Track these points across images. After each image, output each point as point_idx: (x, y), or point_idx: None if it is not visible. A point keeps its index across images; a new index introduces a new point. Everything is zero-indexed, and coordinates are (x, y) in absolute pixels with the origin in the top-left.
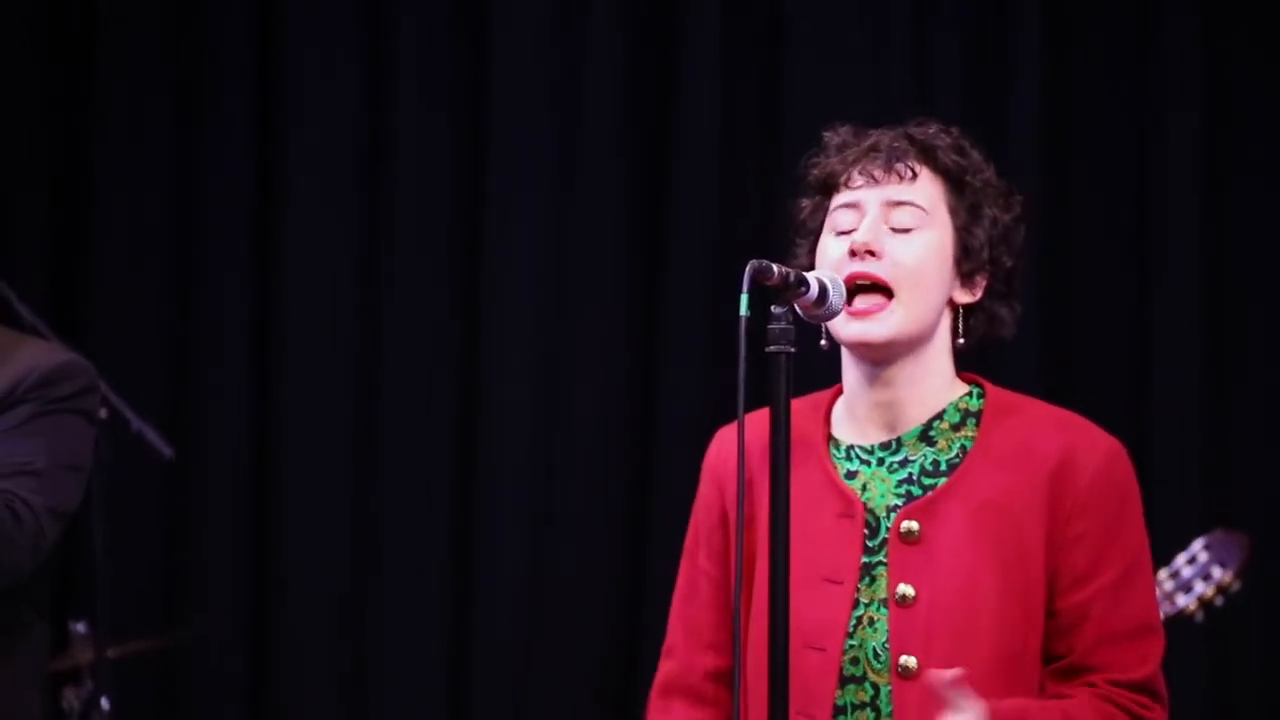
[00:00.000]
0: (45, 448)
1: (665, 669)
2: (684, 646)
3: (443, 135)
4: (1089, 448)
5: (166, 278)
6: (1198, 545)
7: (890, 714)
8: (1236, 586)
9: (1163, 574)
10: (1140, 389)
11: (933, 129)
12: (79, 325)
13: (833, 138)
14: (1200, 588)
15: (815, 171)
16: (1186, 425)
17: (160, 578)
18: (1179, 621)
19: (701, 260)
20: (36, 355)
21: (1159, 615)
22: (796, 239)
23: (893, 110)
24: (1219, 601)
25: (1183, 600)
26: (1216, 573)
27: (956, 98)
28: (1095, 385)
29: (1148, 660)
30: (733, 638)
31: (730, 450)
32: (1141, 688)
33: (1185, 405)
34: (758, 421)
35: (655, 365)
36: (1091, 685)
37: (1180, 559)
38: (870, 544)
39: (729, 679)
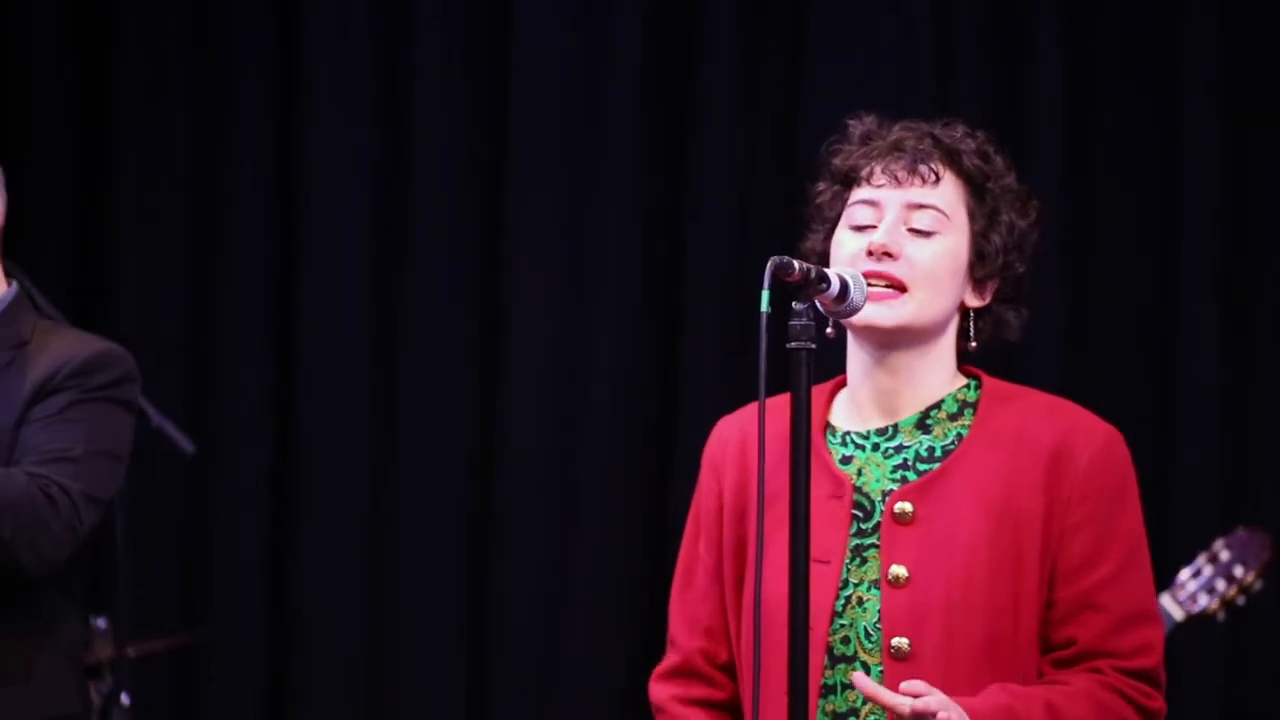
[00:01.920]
0: (83, 435)
1: (666, 659)
2: (683, 635)
3: (459, 135)
4: (1086, 434)
5: (186, 272)
6: (1219, 544)
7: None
8: (1259, 586)
9: (1184, 573)
10: (1162, 389)
11: (959, 131)
12: (98, 320)
13: (857, 127)
14: (1222, 587)
15: (836, 161)
16: (1208, 424)
17: (180, 574)
18: (1201, 621)
19: (721, 256)
20: (74, 344)
21: (1157, 603)
22: (812, 223)
23: (914, 87)
24: (1241, 601)
25: (1204, 600)
26: (1238, 572)
27: (975, 84)
28: (1117, 385)
29: (1152, 648)
30: (754, 623)
31: (728, 440)
32: (1146, 676)
33: (1207, 404)
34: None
35: (675, 358)
36: (1096, 671)
37: (1202, 558)
38: (863, 526)
39: (726, 666)
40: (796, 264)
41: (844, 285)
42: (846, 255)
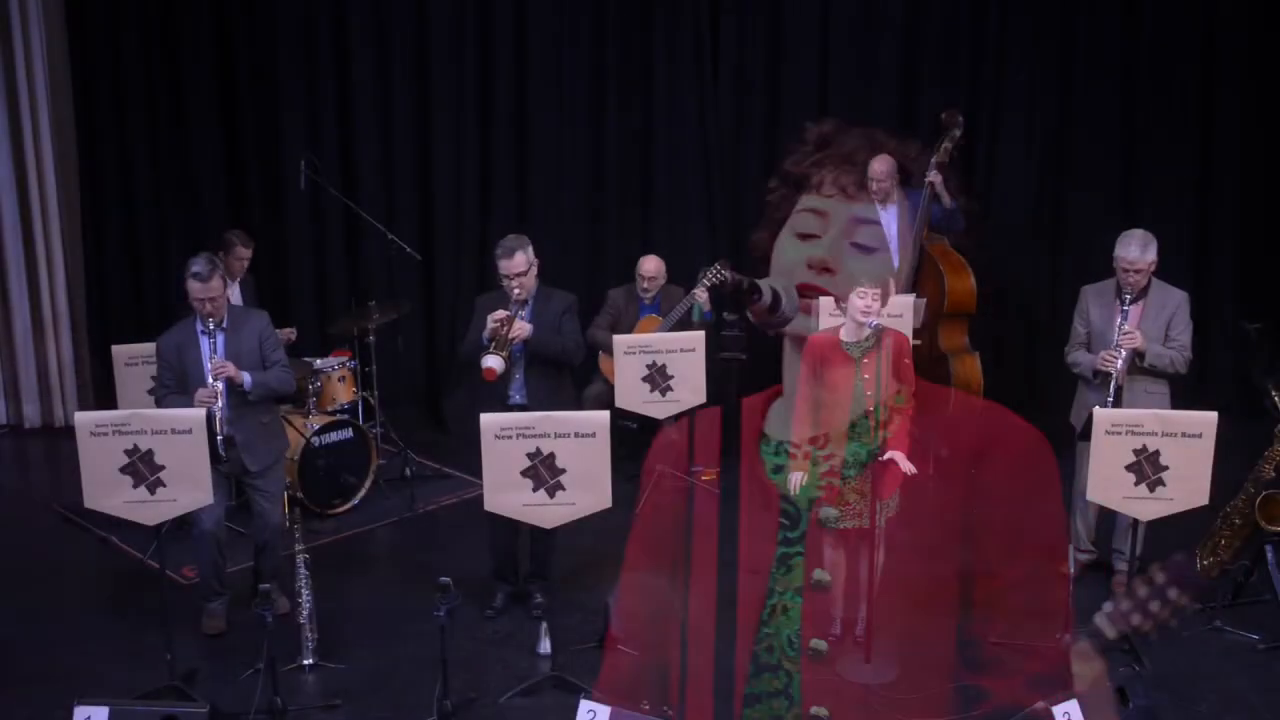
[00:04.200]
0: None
1: None
2: None
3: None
4: (1004, 436)
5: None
6: (1155, 568)
7: (801, 701)
8: (1192, 608)
9: (1119, 595)
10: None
11: (913, 150)
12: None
13: (813, 131)
14: (1156, 608)
15: (788, 165)
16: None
17: None
18: (1136, 638)
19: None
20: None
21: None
22: (762, 219)
23: (880, 72)
24: (1174, 623)
25: (1137, 620)
26: (1173, 594)
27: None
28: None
29: None
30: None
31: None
32: None
33: None
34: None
35: None
36: None
37: (1136, 581)
38: (789, 535)
39: None
40: (729, 274)
41: (776, 297)
42: (787, 262)
